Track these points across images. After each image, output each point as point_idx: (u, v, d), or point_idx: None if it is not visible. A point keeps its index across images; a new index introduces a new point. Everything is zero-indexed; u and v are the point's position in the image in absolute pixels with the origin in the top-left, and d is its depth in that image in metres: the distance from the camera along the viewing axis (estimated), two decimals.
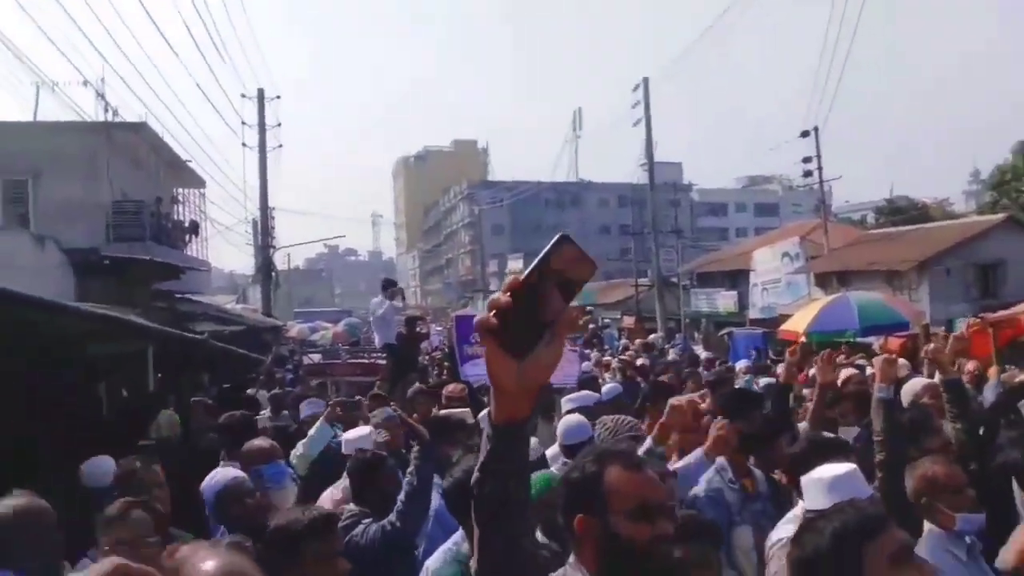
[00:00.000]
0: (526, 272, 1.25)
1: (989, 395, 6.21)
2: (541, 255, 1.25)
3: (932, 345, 4.63)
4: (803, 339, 13.39)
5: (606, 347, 19.69)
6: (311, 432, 5.66)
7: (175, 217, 21.38)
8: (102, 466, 4.28)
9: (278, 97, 28.55)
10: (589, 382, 9.03)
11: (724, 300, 31.69)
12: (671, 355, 15.93)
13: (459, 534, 3.01)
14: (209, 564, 1.34)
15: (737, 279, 31.15)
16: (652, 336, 23.21)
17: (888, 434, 3.37)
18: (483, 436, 1.38)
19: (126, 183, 17.71)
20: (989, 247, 22.87)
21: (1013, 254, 22.38)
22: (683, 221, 51.16)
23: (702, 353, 16.01)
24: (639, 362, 13.24)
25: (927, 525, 3.01)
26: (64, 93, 28.73)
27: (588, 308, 33.26)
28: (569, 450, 4.51)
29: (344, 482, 4.31)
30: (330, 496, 4.38)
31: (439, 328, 20.09)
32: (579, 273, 1.25)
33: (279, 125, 28.24)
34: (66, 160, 16.62)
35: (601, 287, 43.04)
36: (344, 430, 5.55)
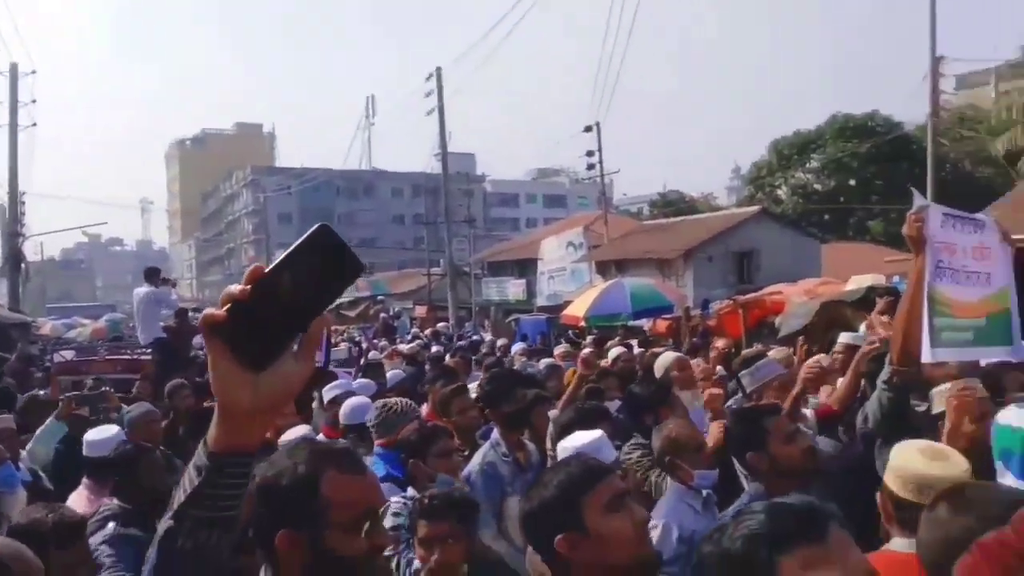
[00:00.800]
0: (274, 263, 1.00)
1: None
2: (295, 245, 1.01)
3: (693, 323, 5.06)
4: (583, 323, 14.19)
5: (397, 336, 19.54)
6: (38, 431, 5.10)
7: None
8: None
9: (33, 72, 25.61)
10: (374, 368, 8.90)
11: (513, 288, 32.65)
12: (462, 343, 16.11)
13: None
14: None
15: (526, 268, 32.20)
16: (440, 324, 23.41)
17: None
18: (187, 471, 1.06)
19: None
20: (745, 237, 25.35)
21: (765, 243, 24.94)
22: (476, 211, 52.12)
23: (488, 338, 16.32)
24: (433, 349, 13.28)
25: (669, 480, 3.37)
26: None
27: (380, 297, 32.93)
28: (348, 430, 4.65)
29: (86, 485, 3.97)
30: (80, 499, 3.94)
31: None
32: (337, 271, 1.02)
33: (34, 102, 25.37)
34: None
35: (394, 276, 42.79)
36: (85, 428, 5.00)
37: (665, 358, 5.73)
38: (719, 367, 6.45)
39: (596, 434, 2.94)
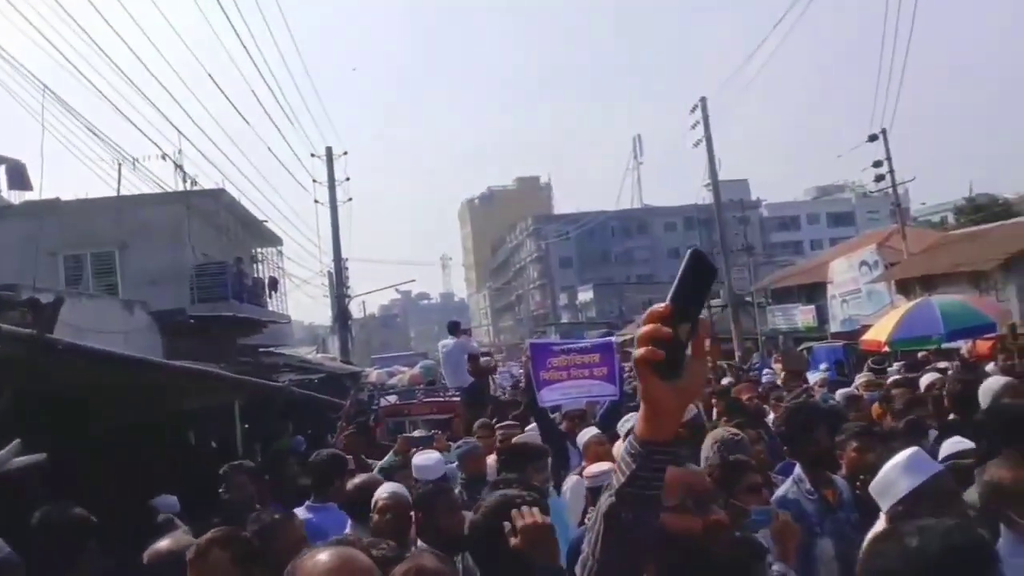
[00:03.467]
0: (670, 296, 1.31)
1: None
2: (681, 275, 1.32)
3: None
4: (886, 348, 13.06)
5: None
6: (378, 465, 5.90)
7: (255, 275, 22.28)
8: (167, 500, 5.06)
9: (345, 153, 29.61)
10: None
11: (802, 315, 30.88)
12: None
13: None
14: (321, 555, 1.45)
15: (814, 293, 30.35)
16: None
17: None
18: (620, 460, 1.38)
19: (207, 246, 18.62)
20: None
21: None
22: (753, 238, 50.30)
23: (768, 372, 15.55)
24: (724, 381, 13.07)
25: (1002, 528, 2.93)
26: (144, 167, 30.45)
27: None
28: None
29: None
30: None
31: (513, 364, 20.16)
32: (706, 281, 1.35)
33: (348, 180, 29.27)
34: (150, 230, 17.63)
35: None
36: None
37: (993, 383, 5.16)
38: None
39: (912, 450, 2.80)
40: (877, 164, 26.89)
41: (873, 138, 26.48)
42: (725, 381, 13.22)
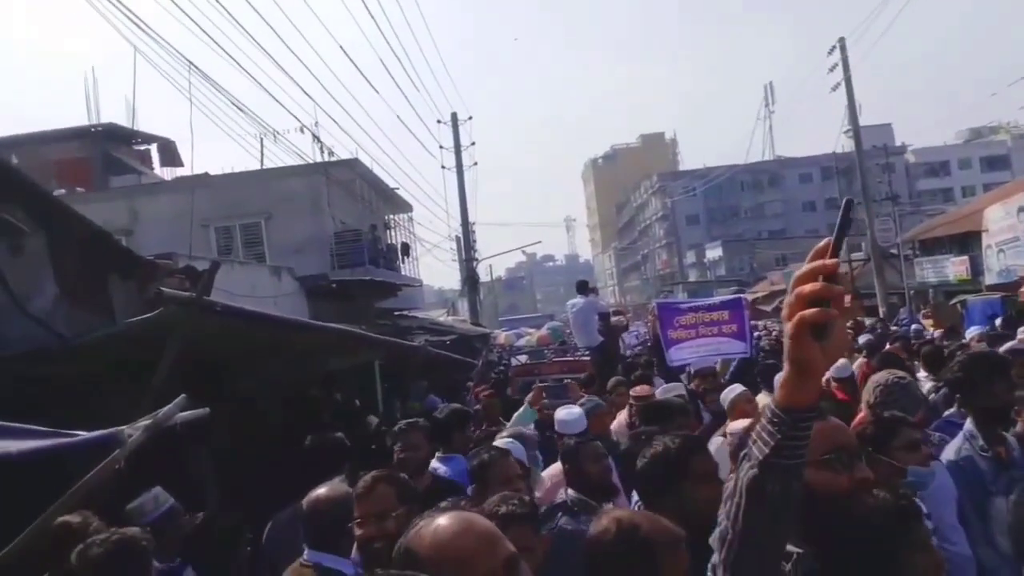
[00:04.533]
0: (832, 251, 1.25)
1: None
2: (840, 227, 1.26)
3: None
4: None
5: None
6: (515, 416, 6.03)
7: (388, 241, 23.11)
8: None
9: (470, 118, 29.95)
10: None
11: (954, 267, 28.81)
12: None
13: None
14: (441, 520, 1.41)
15: (967, 243, 28.20)
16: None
17: None
18: (760, 429, 1.33)
19: (345, 214, 19.46)
20: None
21: None
22: (898, 186, 47.12)
23: (917, 328, 14.69)
24: (861, 340, 12.50)
25: None
26: (285, 140, 32.02)
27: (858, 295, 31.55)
28: None
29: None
30: (548, 478, 4.60)
31: (639, 324, 20.03)
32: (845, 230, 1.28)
33: (473, 144, 29.63)
34: (292, 200, 18.58)
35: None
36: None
37: None
38: None
39: None
40: None
41: None
42: (862, 339, 12.62)
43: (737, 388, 5.41)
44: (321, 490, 3.28)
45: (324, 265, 17.74)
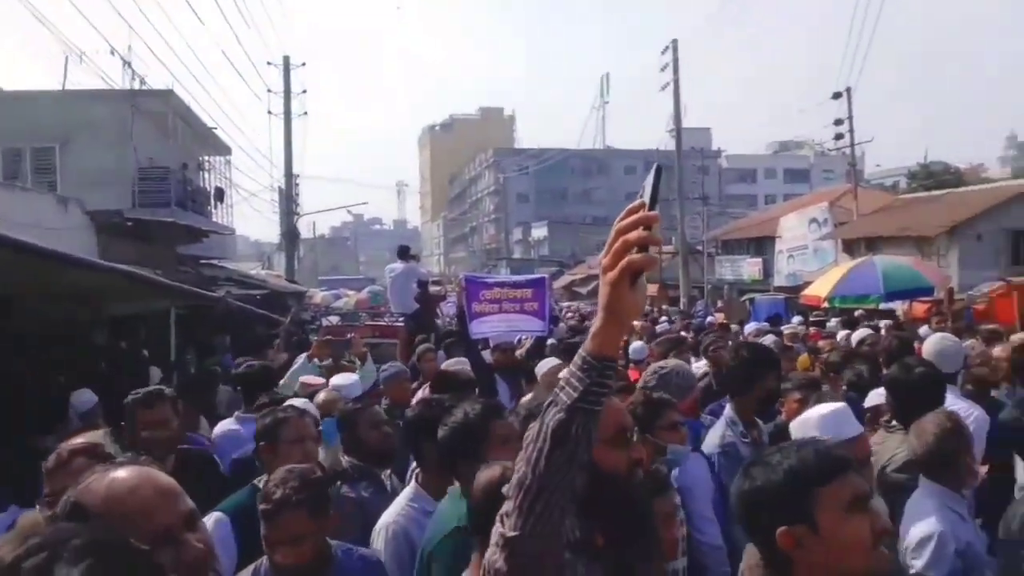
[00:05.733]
0: (650, 206, 1.32)
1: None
2: (652, 187, 1.34)
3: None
4: (825, 304, 13.34)
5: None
6: (292, 368, 5.81)
7: (201, 184, 21.57)
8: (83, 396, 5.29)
9: (303, 64, 28.61)
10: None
11: (749, 267, 31.39)
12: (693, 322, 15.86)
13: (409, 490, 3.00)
14: (119, 473, 1.32)
15: (763, 246, 30.80)
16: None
17: None
18: (569, 375, 1.37)
19: (153, 150, 17.87)
20: (1022, 213, 22.33)
21: None
22: (710, 188, 50.46)
23: (711, 320, 15.89)
24: (659, 327, 13.31)
25: (925, 483, 3.02)
26: (92, 62, 29.04)
27: None
28: None
29: None
30: None
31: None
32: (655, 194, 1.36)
33: (304, 92, 28.38)
34: (94, 128, 16.83)
35: None
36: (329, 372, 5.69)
37: (933, 340, 5.24)
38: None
39: (838, 406, 2.77)
40: (838, 122, 27.08)
41: (837, 96, 26.60)
42: (661, 326, 13.42)
43: (551, 361, 5.48)
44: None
45: (125, 202, 16.25)
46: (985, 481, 3.35)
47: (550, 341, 9.86)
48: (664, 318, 17.59)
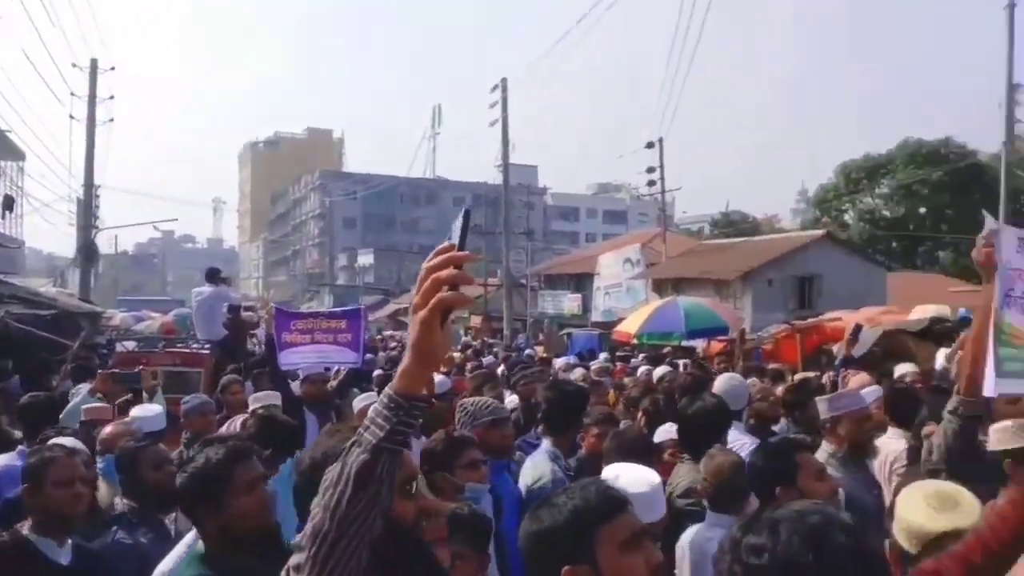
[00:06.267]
0: (460, 246, 1.36)
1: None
2: (461, 229, 1.38)
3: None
4: (634, 340, 14.07)
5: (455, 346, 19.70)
6: (70, 404, 5.36)
7: None
8: None
9: (112, 68, 26.60)
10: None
11: (569, 302, 32.56)
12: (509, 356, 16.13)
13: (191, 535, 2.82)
14: None
15: (582, 282, 32.09)
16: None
17: None
18: (375, 415, 1.34)
19: None
20: (808, 261, 24.79)
21: (829, 268, 24.37)
22: (536, 223, 52.13)
23: (531, 352, 16.32)
24: (486, 360, 13.42)
25: (710, 513, 3.23)
26: None
27: None
28: None
29: None
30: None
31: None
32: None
33: (111, 98, 26.33)
34: None
35: None
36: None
37: (723, 380, 5.59)
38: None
39: (654, 481, 2.69)
40: (650, 170, 28.90)
41: (650, 145, 28.41)
42: (487, 360, 13.56)
43: (371, 396, 5.33)
44: None
45: None
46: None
47: (376, 372, 9.67)
48: (492, 353, 17.78)
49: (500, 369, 10.52)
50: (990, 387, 2.89)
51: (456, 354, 13.48)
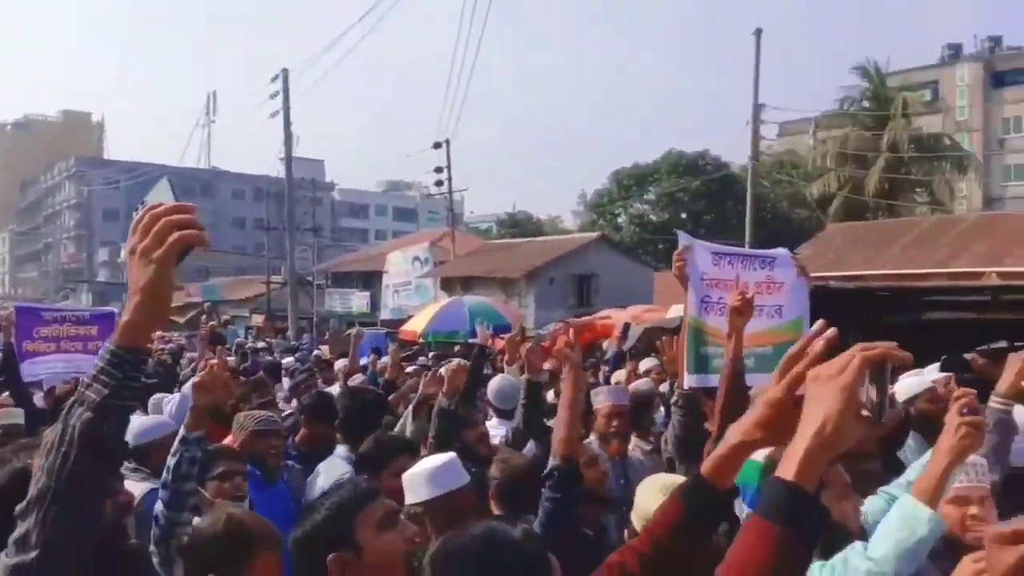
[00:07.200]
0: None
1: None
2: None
3: (528, 345, 4.91)
4: (421, 339, 14.13)
5: (227, 345, 18.61)
6: None
7: None
8: None
9: None
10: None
11: (358, 300, 32.08)
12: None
13: None
14: None
15: (371, 280, 31.74)
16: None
17: None
18: (97, 372, 1.29)
19: None
20: (585, 261, 26.28)
21: (604, 268, 25.97)
22: (323, 219, 50.78)
23: (318, 352, 15.87)
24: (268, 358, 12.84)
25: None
26: None
27: (205, 303, 31.32)
28: None
29: None
30: None
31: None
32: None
33: None
34: None
35: (231, 283, 40.84)
36: None
37: (496, 379, 5.76)
38: None
39: (447, 458, 2.81)
40: (438, 170, 29.17)
41: (437, 146, 28.67)
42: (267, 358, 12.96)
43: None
44: None
45: None
46: None
47: None
48: (269, 352, 17.00)
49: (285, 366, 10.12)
50: (686, 381, 3.31)
51: (230, 358, 12.75)
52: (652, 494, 2.25)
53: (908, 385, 3.94)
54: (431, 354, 13.19)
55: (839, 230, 20.79)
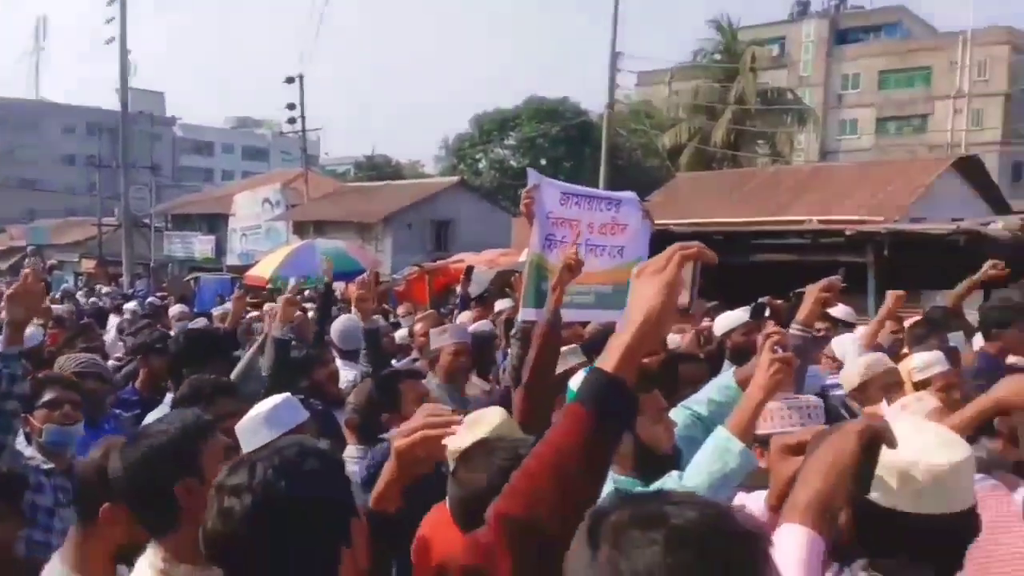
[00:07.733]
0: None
1: None
2: None
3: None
4: (269, 285, 13.47)
5: (53, 294, 17.10)
6: None
7: None
8: None
9: None
10: None
11: (201, 245, 30.40)
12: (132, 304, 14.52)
13: None
14: None
15: (216, 223, 30.10)
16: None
17: None
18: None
19: None
20: (443, 206, 26.02)
21: (462, 213, 25.83)
22: (163, 157, 47.45)
23: (154, 299, 14.93)
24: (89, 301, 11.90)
25: None
26: None
27: (30, 247, 28.78)
28: None
29: None
30: None
31: None
32: None
33: None
34: None
35: (59, 225, 37.63)
36: None
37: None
38: None
39: (280, 397, 2.68)
40: (291, 107, 27.77)
41: (290, 81, 27.23)
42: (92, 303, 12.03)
43: None
44: None
45: None
46: None
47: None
48: (99, 297, 15.77)
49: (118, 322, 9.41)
50: (525, 314, 3.33)
51: (58, 307, 11.67)
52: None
53: (726, 319, 4.35)
54: (282, 299, 12.66)
55: (687, 179, 21.65)
